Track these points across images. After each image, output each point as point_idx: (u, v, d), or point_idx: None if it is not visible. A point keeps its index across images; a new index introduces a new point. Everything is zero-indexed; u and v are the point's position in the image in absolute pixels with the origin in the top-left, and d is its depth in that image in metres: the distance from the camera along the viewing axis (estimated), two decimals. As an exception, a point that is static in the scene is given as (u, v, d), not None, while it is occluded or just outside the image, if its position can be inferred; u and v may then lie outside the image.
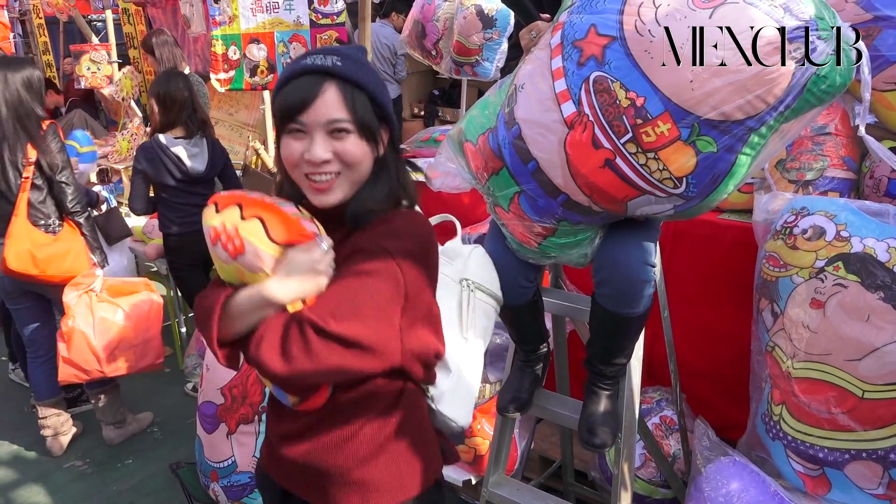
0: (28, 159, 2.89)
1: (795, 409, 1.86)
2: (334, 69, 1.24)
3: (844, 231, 1.82)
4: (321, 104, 1.24)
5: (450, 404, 1.48)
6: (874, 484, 1.78)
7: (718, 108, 1.31)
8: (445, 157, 1.86)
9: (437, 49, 3.66)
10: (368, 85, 1.27)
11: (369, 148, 1.28)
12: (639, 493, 2.40)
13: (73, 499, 3.03)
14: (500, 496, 2.02)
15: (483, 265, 1.75)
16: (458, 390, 1.50)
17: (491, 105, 1.72)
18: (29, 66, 3.03)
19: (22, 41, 8.02)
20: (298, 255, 1.24)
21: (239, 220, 1.25)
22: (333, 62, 1.25)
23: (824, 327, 1.79)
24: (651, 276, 1.68)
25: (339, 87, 1.25)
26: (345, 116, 1.25)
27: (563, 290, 2.17)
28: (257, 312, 1.24)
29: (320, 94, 1.24)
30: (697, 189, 1.41)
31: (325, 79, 1.25)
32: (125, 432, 3.42)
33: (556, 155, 1.48)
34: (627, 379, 1.88)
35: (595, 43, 1.40)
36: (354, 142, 1.26)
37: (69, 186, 2.99)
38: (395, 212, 1.31)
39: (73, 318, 2.99)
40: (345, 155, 1.26)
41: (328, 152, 1.25)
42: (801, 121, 1.38)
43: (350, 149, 1.26)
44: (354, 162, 1.27)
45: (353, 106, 1.25)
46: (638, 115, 1.35)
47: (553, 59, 1.48)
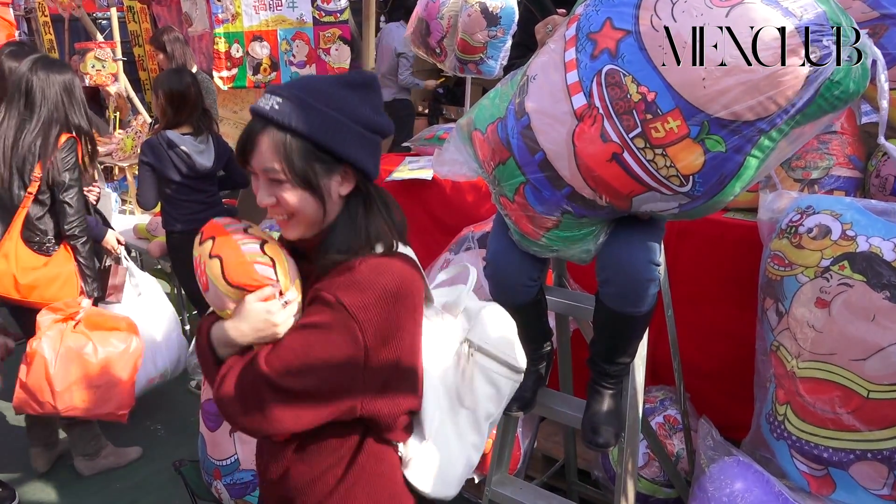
0: (36, 175, 2.69)
1: (800, 409, 1.86)
2: (269, 114, 1.20)
3: (850, 230, 1.81)
4: (258, 152, 1.22)
5: (418, 473, 1.37)
6: (879, 484, 1.77)
7: (729, 107, 1.31)
8: (453, 147, 1.84)
9: (441, 47, 3.65)
10: (306, 130, 1.19)
11: (309, 195, 1.22)
12: (642, 492, 2.39)
13: (76, 496, 3.04)
14: (503, 495, 2.02)
15: (495, 325, 1.48)
16: (430, 460, 1.37)
17: (502, 95, 1.71)
18: (70, 72, 2.88)
19: (28, 39, 8.02)
20: (253, 304, 1.23)
21: (207, 257, 1.26)
22: (272, 106, 1.20)
23: (829, 327, 1.78)
24: (655, 275, 1.67)
25: (273, 134, 1.20)
26: (276, 167, 1.20)
27: (566, 289, 2.17)
28: (224, 348, 1.27)
29: (257, 141, 1.21)
30: (703, 188, 1.40)
31: (263, 125, 1.21)
32: (96, 465, 3.15)
33: (564, 146, 1.47)
34: (631, 378, 1.87)
35: (610, 36, 1.40)
36: (289, 191, 1.22)
37: (70, 208, 2.75)
38: (362, 260, 1.24)
39: (40, 340, 2.75)
40: (282, 202, 1.23)
41: (271, 197, 1.24)
42: (812, 126, 1.37)
43: (285, 198, 1.22)
44: (292, 210, 1.23)
45: (284, 155, 1.20)
46: (648, 110, 1.35)
47: (567, 50, 1.48)
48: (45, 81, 2.73)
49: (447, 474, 1.40)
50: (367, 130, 1.25)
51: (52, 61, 2.87)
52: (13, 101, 2.73)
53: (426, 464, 1.37)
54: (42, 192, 2.73)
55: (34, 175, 2.69)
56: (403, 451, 1.36)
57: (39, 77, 2.71)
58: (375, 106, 1.28)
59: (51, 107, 2.73)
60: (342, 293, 1.19)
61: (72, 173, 2.75)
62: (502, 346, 1.46)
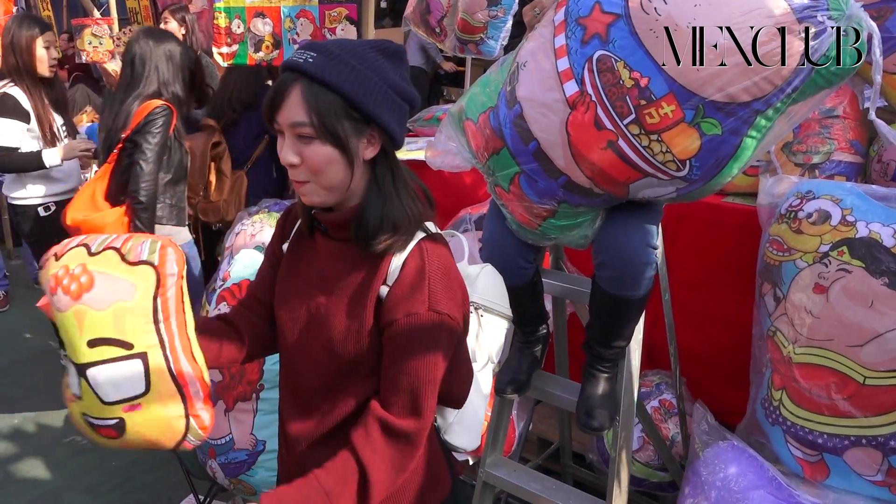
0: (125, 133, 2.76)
1: (796, 395, 1.85)
2: (304, 66, 1.15)
3: (850, 215, 1.79)
4: (287, 105, 1.16)
5: (457, 434, 1.47)
6: (873, 471, 1.77)
7: (724, 89, 1.28)
8: (446, 136, 1.82)
9: (441, 26, 3.61)
10: (339, 84, 1.15)
11: (338, 154, 1.18)
12: (636, 475, 2.40)
13: (72, 473, 3.05)
14: (498, 477, 2.02)
15: (492, 284, 1.63)
16: (464, 420, 1.47)
17: (492, 83, 1.69)
18: (174, 41, 2.98)
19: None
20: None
21: (86, 257, 1.22)
22: (306, 59, 1.15)
23: (827, 313, 1.78)
24: (652, 259, 1.66)
25: (305, 87, 1.15)
26: (304, 119, 1.15)
27: (563, 272, 2.16)
28: None
29: (287, 94, 1.16)
30: (701, 172, 1.38)
31: (296, 77, 1.16)
32: None
33: (558, 135, 1.45)
34: (627, 362, 1.87)
35: (599, 20, 1.37)
36: (316, 147, 1.17)
37: (141, 171, 2.75)
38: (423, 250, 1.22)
39: None
40: (307, 160, 1.18)
41: (295, 156, 1.18)
42: (808, 103, 1.35)
43: (311, 154, 1.17)
44: (317, 169, 1.18)
45: (315, 108, 1.15)
46: (642, 95, 1.33)
47: (556, 36, 1.45)
48: (147, 50, 2.85)
49: (474, 427, 1.51)
50: (397, 95, 1.22)
51: (154, 31, 3.09)
52: (124, 70, 2.90)
53: (461, 423, 1.47)
54: (125, 150, 2.79)
55: (123, 133, 2.78)
56: (441, 421, 1.46)
57: (142, 46, 2.85)
58: (404, 75, 1.25)
59: (152, 74, 2.85)
60: (438, 303, 1.19)
61: (153, 138, 2.76)
62: (502, 301, 1.63)
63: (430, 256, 1.21)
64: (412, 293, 1.19)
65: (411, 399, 1.19)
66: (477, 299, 1.56)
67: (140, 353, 1.22)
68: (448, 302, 1.20)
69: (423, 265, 1.20)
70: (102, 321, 1.21)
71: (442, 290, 1.20)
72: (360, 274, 1.25)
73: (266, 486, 2.30)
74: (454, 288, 1.22)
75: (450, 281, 1.22)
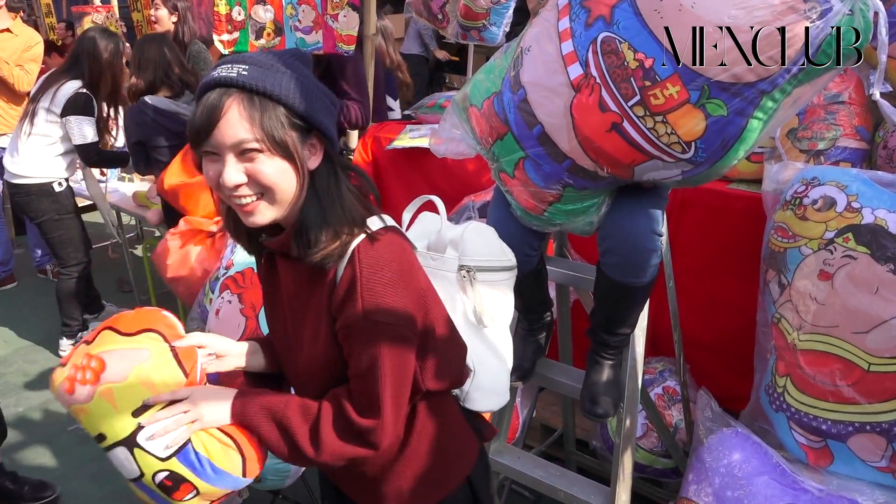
0: None
1: (800, 381, 1.85)
2: (238, 80, 1.09)
3: (855, 202, 1.78)
4: (225, 124, 1.09)
5: (475, 401, 1.47)
6: (877, 457, 1.77)
7: (730, 69, 1.27)
8: (450, 124, 1.82)
9: (443, 13, 3.58)
10: (283, 94, 1.11)
11: (288, 165, 1.13)
12: (640, 462, 2.40)
13: (77, 461, 3.06)
14: (502, 464, 2.02)
15: (480, 241, 1.56)
16: (482, 385, 1.47)
17: (496, 69, 1.68)
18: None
19: (25, 2, 7.93)
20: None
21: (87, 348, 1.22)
22: (239, 72, 1.09)
23: (832, 299, 1.77)
24: (657, 246, 1.66)
25: (244, 101, 1.09)
26: (249, 136, 1.09)
27: (567, 259, 2.15)
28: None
29: (223, 112, 1.09)
30: (706, 154, 1.37)
31: (230, 93, 1.10)
32: None
33: (562, 119, 1.44)
34: (631, 349, 1.86)
35: (603, 3, 1.36)
36: (266, 162, 1.11)
37: None
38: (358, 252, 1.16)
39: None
40: (258, 177, 1.12)
41: (241, 175, 1.12)
42: (814, 85, 1.34)
43: (262, 169, 1.11)
44: (270, 184, 1.13)
45: (259, 122, 1.09)
46: (646, 76, 1.32)
47: (560, 20, 1.44)
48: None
49: (498, 386, 1.51)
50: (327, 99, 1.19)
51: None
52: None
53: (479, 390, 1.46)
54: None
55: None
56: (457, 391, 1.45)
57: None
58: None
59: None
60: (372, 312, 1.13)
61: None
62: (495, 255, 1.58)
63: (362, 261, 1.15)
64: (344, 305, 1.16)
65: (368, 399, 1.18)
66: (468, 262, 1.52)
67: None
68: (386, 305, 1.14)
69: (354, 272, 1.15)
70: (132, 388, 1.19)
71: (377, 295, 1.14)
72: (315, 290, 1.22)
73: (270, 474, 2.31)
74: (397, 286, 1.16)
75: (386, 282, 1.15)
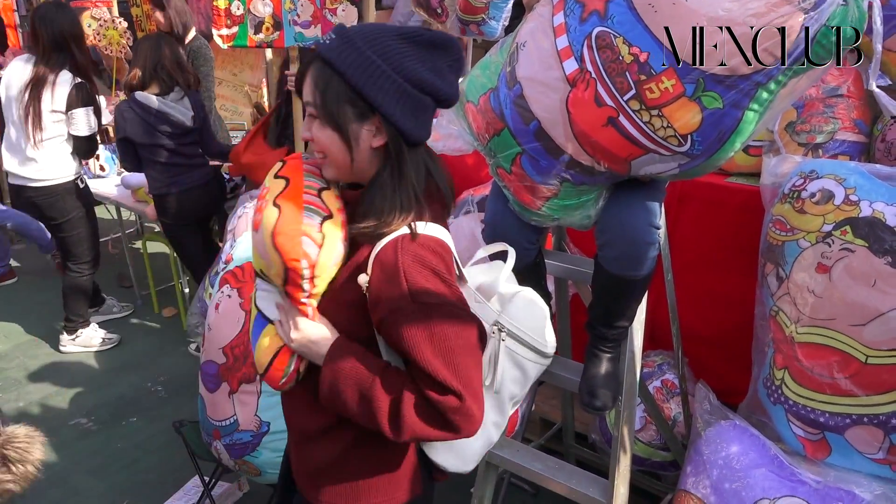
0: None
1: (798, 374, 1.85)
2: (320, 48, 1.21)
3: (853, 195, 1.79)
4: (306, 84, 1.25)
5: (438, 452, 1.39)
6: (874, 449, 1.78)
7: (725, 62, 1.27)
8: (447, 120, 1.82)
9: (442, 7, 3.58)
10: (344, 69, 1.18)
11: (338, 138, 1.22)
12: (638, 455, 2.41)
13: (78, 455, 3.07)
14: (501, 457, 2.03)
15: (527, 311, 1.46)
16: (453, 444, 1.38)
17: (492, 65, 1.68)
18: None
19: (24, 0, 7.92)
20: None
21: (271, 201, 1.25)
22: (325, 40, 1.21)
23: (829, 292, 1.77)
24: (655, 238, 1.66)
25: (318, 69, 1.22)
26: (310, 100, 1.23)
27: (566, 253, 2.15)
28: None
29: (307, 73, 1.24)
30: (703, 147, 1.38)
31: (316, 58, 1.23)
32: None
33: (558, 114, 1.45)
34: (629, 342, 1.87)
35: (598, -3, 1.36)
36: (318, 128, 1.24)
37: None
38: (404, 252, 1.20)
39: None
40: (315, 139, 1.25)
41: (308, 132, 1.27)
42: (810, 76, 1.34)
43: (316, 133, 1.24)
44: (322, 148, 1.25)
45: (321, 90, 1.21)
46: (641, 70, 1.32)
47: (555, 15, 1.45)
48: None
49: (465, 450, 1.41)
50: (413, 86, 1.20)
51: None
52: None
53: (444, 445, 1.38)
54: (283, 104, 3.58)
55: None
56: None
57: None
58: (439, 68, 1.22)
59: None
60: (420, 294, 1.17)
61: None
62: (534, 332, 1.45)
63: (404, 249, 1.20)
64: (383, 292, 1.19)
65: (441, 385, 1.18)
66: (505, 322, 1.41)
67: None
68: (433, 288, 1.19)
69: (395, 258, 1.19)
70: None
71: (423, 278, 1.19)
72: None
73: (271, 467, 2.32)
74: (440, 276, 1.21)
75: (429, 271, 1.20)
